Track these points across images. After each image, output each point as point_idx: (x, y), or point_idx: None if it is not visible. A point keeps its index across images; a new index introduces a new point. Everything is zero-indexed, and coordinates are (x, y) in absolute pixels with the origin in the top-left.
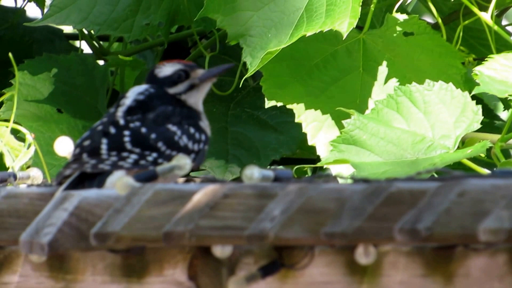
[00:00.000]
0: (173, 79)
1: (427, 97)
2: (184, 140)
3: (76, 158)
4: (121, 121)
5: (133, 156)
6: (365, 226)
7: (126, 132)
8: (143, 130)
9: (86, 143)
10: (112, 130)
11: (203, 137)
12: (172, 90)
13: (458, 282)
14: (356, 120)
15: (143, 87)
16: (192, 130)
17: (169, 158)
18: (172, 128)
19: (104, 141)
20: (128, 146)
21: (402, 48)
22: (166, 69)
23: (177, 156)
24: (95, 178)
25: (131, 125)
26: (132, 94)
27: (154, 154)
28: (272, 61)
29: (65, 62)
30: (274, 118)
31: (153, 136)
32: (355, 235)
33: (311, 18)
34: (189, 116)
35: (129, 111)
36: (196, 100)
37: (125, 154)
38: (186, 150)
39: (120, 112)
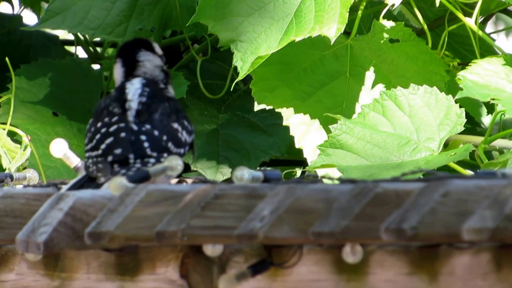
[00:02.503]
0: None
1: (412, 101)
2: (184, 135)
3: (106, 165)
4: (135, 127)
5: (152, 161)
6: (352, 225)
7: (143, 137)
8: (156, 133)
9: (118, 151)
10: (132, 137)
11: (192, 128)
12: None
13: (443, 280)
14: (342, 124)
15: (138, 85)
16: (185, 122)
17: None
18: (174, 125)
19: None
20: (148, 151)
21: (388, 54)
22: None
23: (169, 157)
24: (94, 181)
25: (143, 129)
26: (134, 96)
27: (165, 155)
28: (262, 65)
29: (60, 66)
30: (263, 120)
31: (164, 138)
32: (342, 234)
33: (300, 24)
34: (178, 109)
35: (138, 114)
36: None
37: (145, 160)
38: (185, 145)
39: (130, 116)
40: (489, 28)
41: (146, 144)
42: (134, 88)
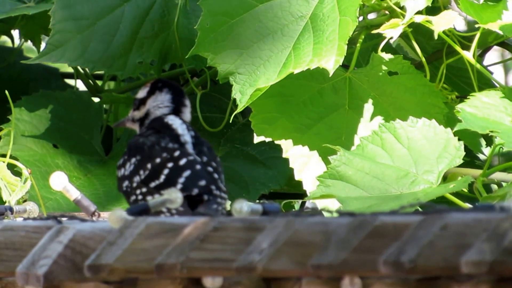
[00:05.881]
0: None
1: (411, 133)
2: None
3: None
4: (198, 159)
5: (223, 195)
6: (350, 258)
7: (210, 169)
8: (214, 164)
9: (202, 182)
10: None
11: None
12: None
13: None
14: (342, 156)
15: (179, 121)
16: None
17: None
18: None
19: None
20: (220, 183)
21: (387, 86)
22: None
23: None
24: None
25: (204, 160)
26: (183, 130)
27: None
28: (261, 98)
29: (61, 98)
30: (263, 153)
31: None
32: (341, 266)
33: (299, 56)
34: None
35: (193, 147)
36: None
37: (222, 193)
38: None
39: (190, 149)
40: (492, 58)
41: (215, 175)
42: (178, 123)
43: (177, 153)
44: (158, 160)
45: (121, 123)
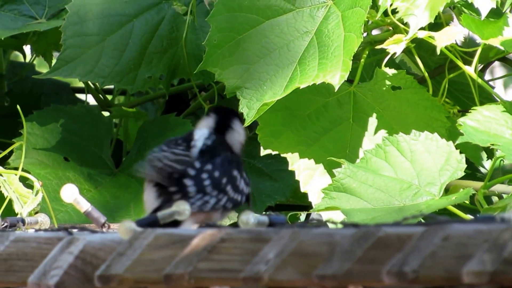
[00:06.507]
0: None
1: (413, 147)
2: (242, 184)
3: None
4: (197, 164)
5: (212, 201)
6: (354, 268)
7: (204, 175)
8: (216, 173)
9: (179, 167)
10: (192, 172)
11: (250, 181)
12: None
13: None
14: (346, 169)
15: (205, 132)
16: (244, 174)
17: (233, 202)
18: (234, 172)
19: (189, 182)
20: (208, 190)
21: (390, 101)
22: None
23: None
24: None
25: (205, 168)
26: (200, 137)
27: (225, 198)
28: (268, 112)
29: (72, 113)
30: (269, 166)
31: (224, 180)
32: (345, 277)
33: (304, 71)
34: (240, 163)
35: (201, 153)
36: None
37: (206, 198)
38: (242, 193)
39: (194, 153)
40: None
41: (207, 182)
42: (201, 132)
43: (179, 148)
44: (164, 147)
45: None
